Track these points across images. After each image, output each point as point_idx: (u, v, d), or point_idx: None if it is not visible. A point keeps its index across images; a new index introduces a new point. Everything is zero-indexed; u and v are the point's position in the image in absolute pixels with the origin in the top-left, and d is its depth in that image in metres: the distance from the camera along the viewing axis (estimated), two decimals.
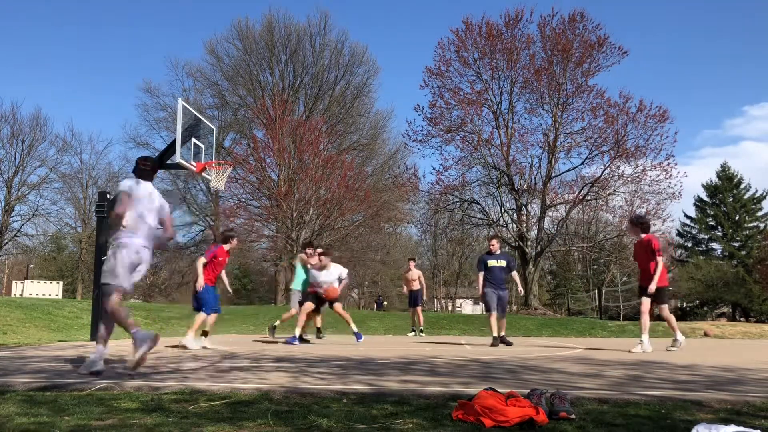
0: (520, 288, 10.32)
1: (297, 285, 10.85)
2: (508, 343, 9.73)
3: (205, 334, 8.81)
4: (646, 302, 8.18)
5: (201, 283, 8.48)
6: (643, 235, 8.38)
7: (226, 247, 8.95)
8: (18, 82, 70.54)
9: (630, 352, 7.85)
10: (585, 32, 27.64)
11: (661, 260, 8.13)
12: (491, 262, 9.89)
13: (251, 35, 39.72)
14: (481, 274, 9.96)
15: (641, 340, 8.00)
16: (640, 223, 8.50)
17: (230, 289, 9.85)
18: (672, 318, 8.44)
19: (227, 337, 12.83)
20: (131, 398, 3.58)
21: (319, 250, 10.57)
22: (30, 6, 70.62)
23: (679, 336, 8.29)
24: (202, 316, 8.58)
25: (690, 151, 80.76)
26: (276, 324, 11.27)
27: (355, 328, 10.23)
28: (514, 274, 10.17)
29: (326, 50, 40.10)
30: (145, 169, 5.35)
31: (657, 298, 8.21)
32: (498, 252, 10.08)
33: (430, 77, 28.91)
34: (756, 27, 78.46)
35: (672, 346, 8.25)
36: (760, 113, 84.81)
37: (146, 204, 5.14)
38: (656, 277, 8.04)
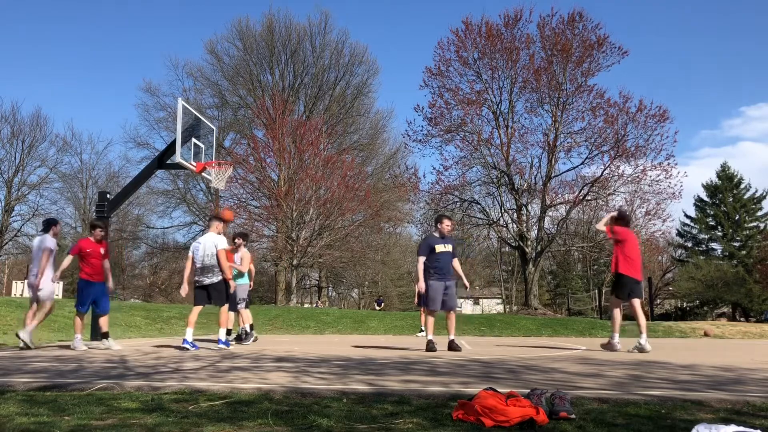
0: (466, 281, 8.53)
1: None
2: (456, 348, 8.10)
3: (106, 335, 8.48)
4: (633, 302, 8.04)
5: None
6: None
7: (92, 238, 8.61)
8: (18, 82, 70.59)
9: (629, 351, 7.77)
10: (585, 32, 27.66)
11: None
12: (440, 247, 8.08)
13: (251, 35, 39.74)
14: (421, 260, 8.13)
15: (638, 342, 7.83)
16: (622, 218, 8.51)
17: (111, 285, 8.76)
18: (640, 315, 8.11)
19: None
20: (131, 398, 3.58)
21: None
22: (30, 6, 70.66)
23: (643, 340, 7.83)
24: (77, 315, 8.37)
25: (688, 152, 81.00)
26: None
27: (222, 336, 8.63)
28: (455, 262, 8.32)
29: (326, 50, 40.15)
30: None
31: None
32: (448, 235, 8.34)
33: (430, 77, 28.94)
34: (751, 29, 78.84)
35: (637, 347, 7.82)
36: (757, 114, 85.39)
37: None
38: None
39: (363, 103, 41.65)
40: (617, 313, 8.37)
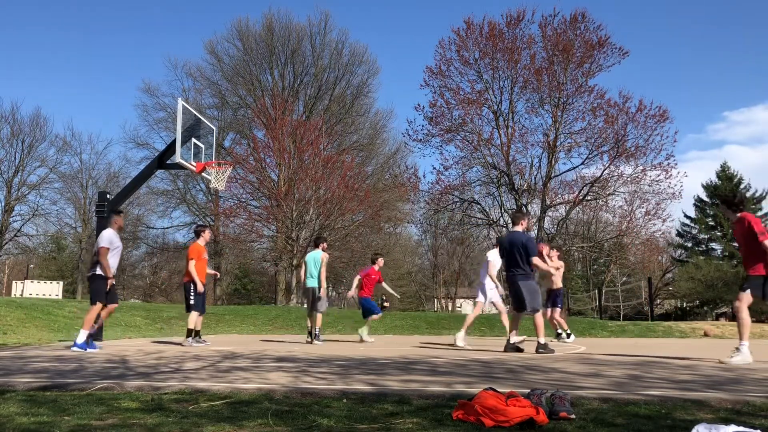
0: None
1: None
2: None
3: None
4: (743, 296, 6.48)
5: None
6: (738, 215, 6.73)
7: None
8: (18, 82, 70.59)
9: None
10: (586, 32, 27.65)
11: None
12: None
13: (251, 35, 39.72)
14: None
15: None
16: (728, 202, 6.90)
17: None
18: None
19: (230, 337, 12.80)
20: (132, 398, 3.58)
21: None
22: (30, 6, 70.66)
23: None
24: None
25: (677, 154, 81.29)
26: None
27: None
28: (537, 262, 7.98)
29: (326, 50, 40.13)
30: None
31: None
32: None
33: (430, 76, 28.92)
34: (733, 35, 79.43)
35: None
36: (741, 118, 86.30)
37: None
38: None
39: (363, 103, 41.64)
40: None
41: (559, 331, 12.13)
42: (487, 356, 7.21)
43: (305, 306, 10.86)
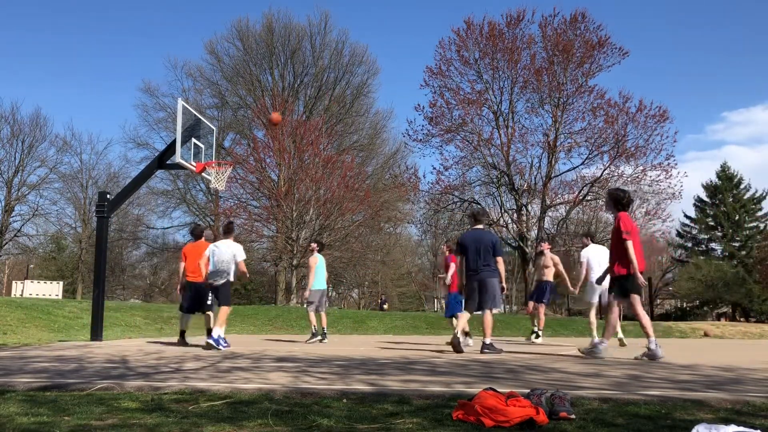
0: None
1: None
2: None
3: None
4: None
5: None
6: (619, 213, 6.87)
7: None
8: (18, 82, 70.55)
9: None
10: (586, 32, 27.65)
11: (630, 243, 6.56)
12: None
13: (251, 35, 39.73)
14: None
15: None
16: (616, 199, 6.95)
17: None
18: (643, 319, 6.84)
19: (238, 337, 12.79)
20: (132, 398, 3.58)
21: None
22: (30, 6, 70.67)
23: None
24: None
25: (676, 155, 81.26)
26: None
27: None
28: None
29: (326, 50, 40.14)
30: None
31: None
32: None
33: (430, 76, 28.91)
34: (733, 35, 79.52)
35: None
36: (740, 119, 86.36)
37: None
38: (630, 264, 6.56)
39: (363, 103, 41.65)
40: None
41: (535, 328, 12.01)
42: (487, 356, 7.21)
43: (309, 308, 10.94)
